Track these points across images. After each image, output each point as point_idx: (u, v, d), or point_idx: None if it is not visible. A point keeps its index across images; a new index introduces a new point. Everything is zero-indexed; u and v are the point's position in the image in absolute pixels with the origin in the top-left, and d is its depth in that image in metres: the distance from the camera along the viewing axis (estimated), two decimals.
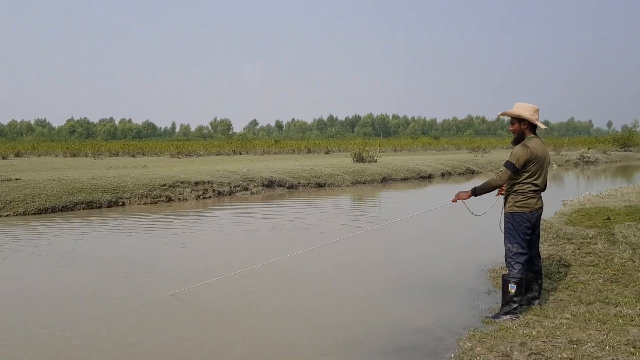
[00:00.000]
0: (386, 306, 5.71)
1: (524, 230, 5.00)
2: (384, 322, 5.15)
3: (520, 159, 4.93)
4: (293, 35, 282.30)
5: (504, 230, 5.10)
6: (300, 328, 5.10)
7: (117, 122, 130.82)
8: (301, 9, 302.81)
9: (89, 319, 5.36)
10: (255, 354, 4.53)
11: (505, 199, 5.16)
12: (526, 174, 4.98)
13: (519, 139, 5.13)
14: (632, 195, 10.65)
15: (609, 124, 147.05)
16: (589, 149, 39.20)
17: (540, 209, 5.11)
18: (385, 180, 21.80)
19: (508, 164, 4.98)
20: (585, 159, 34.33)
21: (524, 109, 5.07)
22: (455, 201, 5.33)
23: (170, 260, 7.82)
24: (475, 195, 5.14)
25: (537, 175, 5.01)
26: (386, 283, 6.54)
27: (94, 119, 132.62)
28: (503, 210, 5.24)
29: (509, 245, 5.03)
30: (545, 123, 5.18)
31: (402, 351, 4.45)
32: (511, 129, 5.18)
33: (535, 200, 5.03)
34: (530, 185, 4.99)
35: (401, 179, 22.48)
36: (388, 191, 18.59)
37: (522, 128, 5.10)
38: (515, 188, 5.02)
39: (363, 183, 20.73)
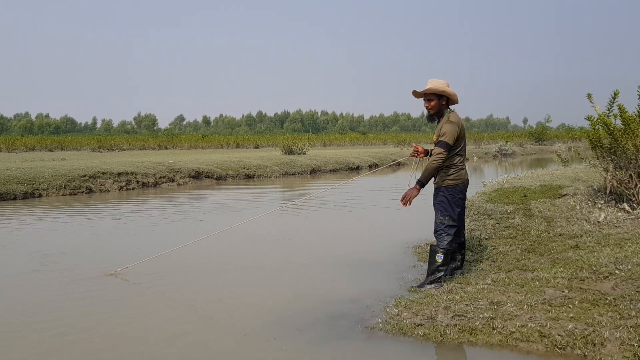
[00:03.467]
0: (317, 280, 5.76)
1: (458, 202, 5.12)
2: (315, 294, 5.18)
3: (452, 137, 4.99)
4: (220, 29, 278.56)
5: (437, 204, 5.16)
6: (234, 301, 5.09)
7: (33, 117, 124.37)
8: (228, 3, 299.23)
9: (27, 303, 5.08)
10: (191, 328, 4.42)
11: (436, 175, 5.22)
12: (456, 149, 5.09)
13: (437, 115, 5.23)
14: (547, 177, 11.26)
15: (525, 121, 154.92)
16: (506, 142, 41.07)
17: (468, 181, 5.27)
18: (315, 172, 21.94)
19: (442, 144, 4.96)
20: (503, 152, 35.99)
21: (443, 85, 5.17)
22: (407, 204, 5.08)
23: (98, 244, 7.51)
24: (422, 187, 5.11)
25: (462, 148, 5.16)
26: (317, 259, 6.61)
27: (8, 113, 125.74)
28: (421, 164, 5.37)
29: (441, 217, 5.12)
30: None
31: (332, 319, 4.48)
32: (429, 106, 5.16)
33: (464, 171, 5.18)
34: (460, 157, 5.13)
35: (330, 170, 22.71)
36: (318, 180, 18.70)
37: (442, 104, 5.20)
38: (447, 163, 5.10)
39: (292, 174, 20.76)
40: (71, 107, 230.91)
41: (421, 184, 5.07)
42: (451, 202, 5.09)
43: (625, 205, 6.77)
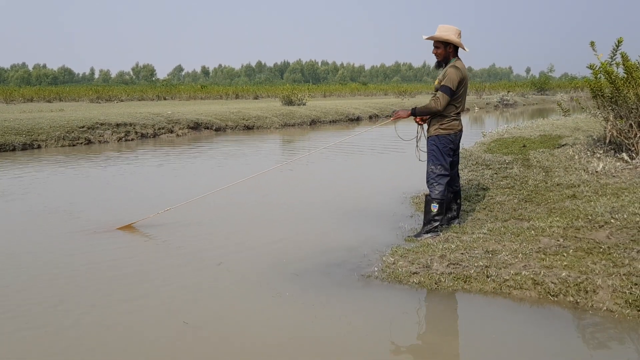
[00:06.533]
0: (315, 228, 5.83)
1: (448, 152, 5.11)
2: (313, 243, 5.25)
3: (454, 81, 4.92)
4: None
5: (428, 153, 5.17)
6: (236, 250, 5.17)
7: (30, 68, 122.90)
8: None
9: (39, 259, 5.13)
10: (189, 273, 4.48)
11: (429, 124, 5.23)
12: (454, 99, 5.04)
13: (443, 62, 5.17)
14: (547, 127, 11.19)
15: (528, 70, 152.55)
16: (508, 92, 40.62)
17: (461, 130, 5.24)
18: (314, 123, 21.81)
19: (444, 88, 4.93)
20: (504, 102, 35.67)
21: (450, 32, 5.07)
22: (395, 119, 5.33)
23: (109, 197, 7.56)
24: (414, 115, 5.15)
25: (461, 98, 5.10)
26: (316, 208, 6.69)
27: (5, 64, 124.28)
28: (424, 136, 5.34)
29: (432, 167, 5.13)
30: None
31: (329, 267, 4.54)
32: (436, 52, 5.12)
33: (457, 122, 5.14)
34: (454, 107, 5.07)
35: (330, 121, 22.57)
36: (318, 131, 18.62)
37: (448, 51, 5.12)
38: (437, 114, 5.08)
39: (292, 125, 20.65)
40: (68, 58, 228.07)
41: (413, 111, 5.14)
42: (442, 152, 5.08)
43: (624, 155, 6.75)
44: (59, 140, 13.97)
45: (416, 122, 5.35)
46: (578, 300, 3.64)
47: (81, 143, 14.32)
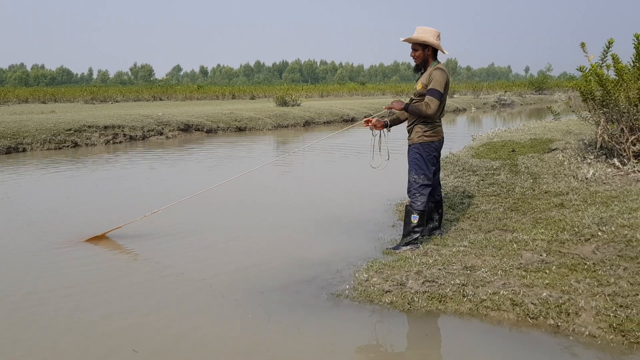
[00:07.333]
0: (290, 240, 5.56)
1: (432, 160, 4.86)
2: (285, 257, 4.98)
3: (442, 84, 4.68)
4: None
5: (411, 161, 4.90)
6: (202, 262, 4.91)
7: (29, 68, 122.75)
8: None
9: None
10: (159, 287, 4.23)
11: (410, 131, 4.98)
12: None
13: (422, 66, 4.93)
14: (538, 130, 10.89)
15: (527, 70, 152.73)
16: (505, 92, 40.36)
17: (443, 138, 5.00)
18: (308, 124, 21.56)
19: (434, 92, 4.64)
20: (502, 102, 35.44)
21: (428, 35, 4.82)
22: (390, 109, 5.02)
23: (82, 204, 7.30)
24: (406, 111, 4.87)
25: (444, 103, 4.86)
26: (295, 217, 6.43)
27: (3, 64, 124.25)
28: (384, 140, 5.08)
29: (415, 176, 4.86)
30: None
31: (297, 285, 4.28)
32: (414, 55, 4.87)
33: (440, 128, 4.91)
34: (439, 113, 4.83)
35: (324, 122, 22.32)
36: (312, 132, 18.36)
37: (427, 54, 4.87)
38: (424, 118, 4.83)
39: (285, 127, 20.40)
40: (67, 58, 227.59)
41: (406, 107, 4.84)
42: (426, 160, 4.82)
43: (616, 161, 6.50)
44: (44, 143, 13.71)
45: (371, 127, 5.15)
46: (559, 324, 3.38)
47: (68, 146, 14.06)
